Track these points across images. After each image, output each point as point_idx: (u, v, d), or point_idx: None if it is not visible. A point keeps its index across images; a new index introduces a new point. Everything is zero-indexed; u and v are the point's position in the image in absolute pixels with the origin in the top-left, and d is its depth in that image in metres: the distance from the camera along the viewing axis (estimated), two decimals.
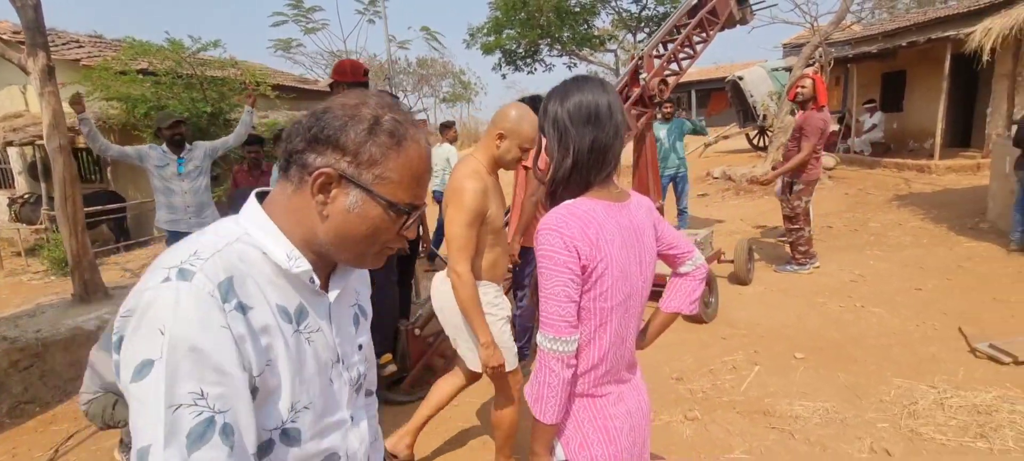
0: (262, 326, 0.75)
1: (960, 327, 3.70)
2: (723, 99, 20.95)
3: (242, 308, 0.73)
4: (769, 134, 11.37)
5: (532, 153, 1.36)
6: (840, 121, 12.52)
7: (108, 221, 8.46)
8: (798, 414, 2.87)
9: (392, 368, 3.31)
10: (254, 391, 0.74)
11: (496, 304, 2.18)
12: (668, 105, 6.04)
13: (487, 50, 17.62)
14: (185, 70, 8.13)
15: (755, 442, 2.68)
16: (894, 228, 6.57)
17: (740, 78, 12.51)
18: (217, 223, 0.82)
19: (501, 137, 2.04)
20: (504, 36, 17.19)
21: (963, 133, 11.04)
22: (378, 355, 3.29)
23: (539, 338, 1.14)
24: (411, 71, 32.07)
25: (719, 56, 48.57)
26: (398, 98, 4.02)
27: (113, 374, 2.68)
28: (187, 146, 4.12)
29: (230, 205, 2.54)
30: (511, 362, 2.18)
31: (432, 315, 3.75)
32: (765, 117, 11.79)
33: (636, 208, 1.24)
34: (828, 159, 10.35)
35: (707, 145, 13.43)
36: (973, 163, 9.09)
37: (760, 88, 12.05)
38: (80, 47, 9.69)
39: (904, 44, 10.05)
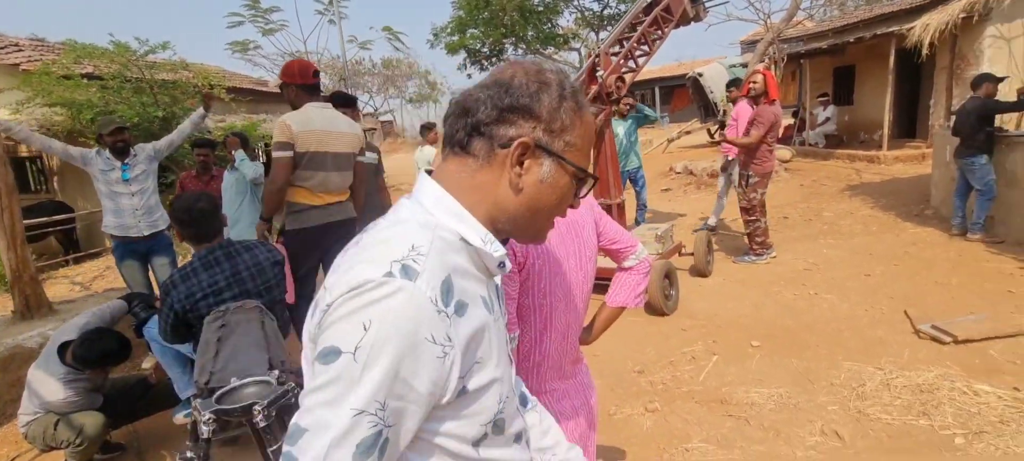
0: (478, 324, 0.72)
1: (905, 310, 3.87)
2: (686, 96, 21.32)
3: (460, 308, 0.70)
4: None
5: None
6: (795, 115, 12.92)
7: (56, 233, 8.07)
8: (754, 401, 2.95)
9: None
10: (463, 393, 0.72)
11: None
12: (627, 100, 6.11)
13: (451, 50, 17.49)
14: (133, 73, 7.82)
15: (712, 430, 2.74)
16: (846, 217, 6.82)
17: (700, 74, 12.76)
18: (406, 209, 0.77)
19: None
20: (468, 36, 17.10)
21: (909, 124, 11.55)
22: None
23: None
24: (376, 72, 31.65)
25: (682, 53, 49.62)
26: (356, 99, 3.95)
27: (52, 394, 2.54)
28: (132, 151, 3.96)
29: (171, 212, 2.45)
30: None
31: None
32: (725, 112, 12.07)
33: None
34: (784, 152, 10.70)
35: (670, 140, 13.69)
36: (918, 153, 9.51)
37: (719, 84, 12.31)
38: (20, 51, 9.20)
39: (852, 40, 10.44)
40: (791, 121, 12.53)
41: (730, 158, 6.14)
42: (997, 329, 3.40)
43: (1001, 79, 5.37)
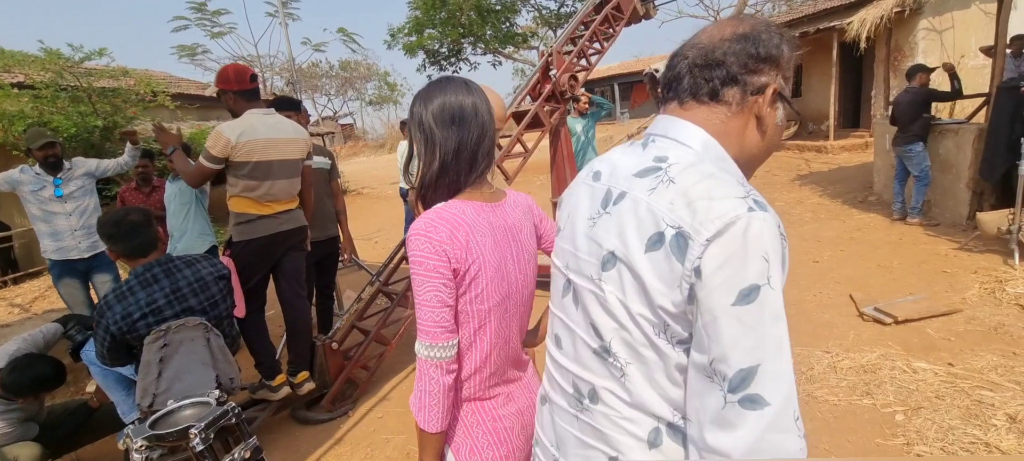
0: None
1: (850, 294, 4.03)
2: (644, 91, 21.70)
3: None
4: None
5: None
6: None
7: None
8: None
9: (310, 386, 3.17)
10: None
11: None
12: (586, 95, 6.14)
13: (409, 51, 17.28)
14: (68, 82, 7.43)
15: None
16: (796, 205, 7.08)
17: (657, 70, 13.02)
18: (677, 149, 0.82)
19: None
20: (425, 36, 16.93)
21: (854, 114, 12.07)
22: (294, 373, 3.14)
23: (417, 346, 1.12)
24: (334, 75, 30.99)
25: (640, 49, 50.52)
26: (300, 102, 3.85)
27: None
28: (66, 165, 3.75)
29: (99, 228, 2.31)
30: None
31: (351, 328, 3.63)
32: None
33: (512, 207, 1.23)
34: None
35: (630, 137, 13.91)
36: (862, 142, 9.95)
37: None
38: None
39: (798, 34, 10.83)
40: None
41: None
42: (933, 308, 3.58)
43: (933, 69, 5.65)
